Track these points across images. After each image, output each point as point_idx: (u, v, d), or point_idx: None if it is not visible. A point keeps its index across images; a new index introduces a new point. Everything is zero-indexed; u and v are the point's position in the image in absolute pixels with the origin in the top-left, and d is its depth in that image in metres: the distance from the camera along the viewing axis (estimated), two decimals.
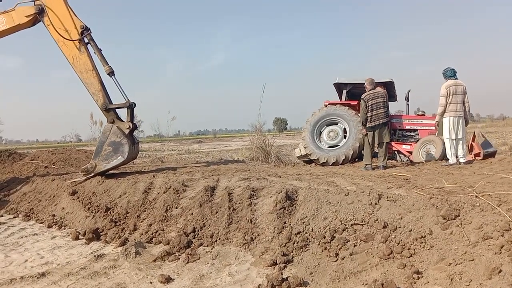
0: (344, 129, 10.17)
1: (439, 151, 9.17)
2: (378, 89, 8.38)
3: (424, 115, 11.14)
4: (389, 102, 9.97)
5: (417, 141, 10.04)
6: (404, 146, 10.21)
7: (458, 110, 7.85)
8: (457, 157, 7.94)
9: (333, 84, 10.68)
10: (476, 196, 4.38)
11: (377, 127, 8.07)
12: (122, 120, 8.53)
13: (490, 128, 38.09)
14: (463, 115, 7.92)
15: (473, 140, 9.47)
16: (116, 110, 8.60)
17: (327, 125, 10.36)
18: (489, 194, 4.34)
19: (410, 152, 10.00)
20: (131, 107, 8.42)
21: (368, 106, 8.06)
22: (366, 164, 8.11)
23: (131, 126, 8.34)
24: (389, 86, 10.26)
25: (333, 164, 9.71)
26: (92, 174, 8.20)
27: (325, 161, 9.80)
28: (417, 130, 10.32)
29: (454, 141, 7.90)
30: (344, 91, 10.64)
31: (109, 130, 8.29)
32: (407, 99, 11.35)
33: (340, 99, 10.93)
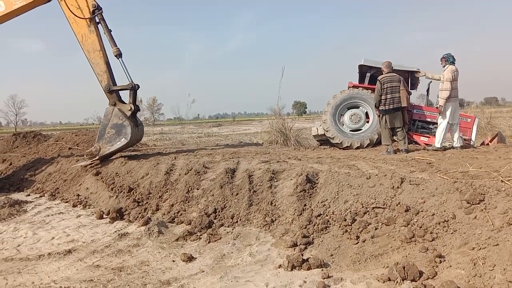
0: (366, 113, 10.03)
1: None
2: (394, 73, 8.26)
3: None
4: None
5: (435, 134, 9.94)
6: (422, 138, 10.03)
7: (457, 96, 8.10)
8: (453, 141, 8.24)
9: (358, 65, 10.46)
10: (502, 181, 4.30)
11: (389, 111, 8.00)
12: (124, 102, 8.48)
13: None
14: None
15: (491, 141, 9.69)
16: (120, 92, 8.54)
17: (349, 108, 10.21)
18: None
19: (427, 145, 9.86)
20: (134, 89, 8.36)
21: (384, 88, 7.98)
22: (387, 146, 8.03)
23: (133, 108, 8.30)
24: (413, 75, 10.07)
25: (357, 148, 9.62)
26: (97, 157, 8.24)
27: (348, 145, 9.71)
28: (436, 123, 10.14)
29: (451, 126, 8.11)
30: (368, 74, 10.41)
31: (110, 113, 8.27)
32: (428, 90, 11.11)
33: (361, 81, 10.73)
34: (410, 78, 10.13)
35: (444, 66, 8.05)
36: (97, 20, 8.26)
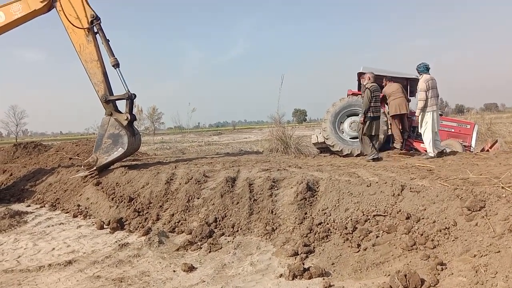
0: None
1: None
2: (376, 83, 8.40)
3: (441, 115, 11.01)
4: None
5: None
6: (422, 145, 10.06)
7: (437, 104, 8.06)
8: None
9: (357, 73, 10.50)
10: (502, 187, 4.29)
11: (376, 118, 8.20)
12: (120, 112, 8.47)
13: None
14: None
15: (491, 147, 9.79)
16: (116, 102, 8.53)
17: (348, 116, 10.22)
18: None
19: (426, 151, 9.89)
20: (130, 98, 8.36)
21: (373, 96, 8.08)
22: (373, 155, 8.07)
23: (129, 117, 8.28)
24: (412, 82, 10.12)
25: (357, 155, 9.62)
26: (95, 168, 8.21)
27: (349, 152, 9.72)
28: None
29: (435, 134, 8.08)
30: None
31: (107, 123, 8.26)
32: None
33: (360, 89, 10.76)
34: (409, 85, 10.18)
35: (420, 77, 8.14)
36: (95, 30, 8.30)
